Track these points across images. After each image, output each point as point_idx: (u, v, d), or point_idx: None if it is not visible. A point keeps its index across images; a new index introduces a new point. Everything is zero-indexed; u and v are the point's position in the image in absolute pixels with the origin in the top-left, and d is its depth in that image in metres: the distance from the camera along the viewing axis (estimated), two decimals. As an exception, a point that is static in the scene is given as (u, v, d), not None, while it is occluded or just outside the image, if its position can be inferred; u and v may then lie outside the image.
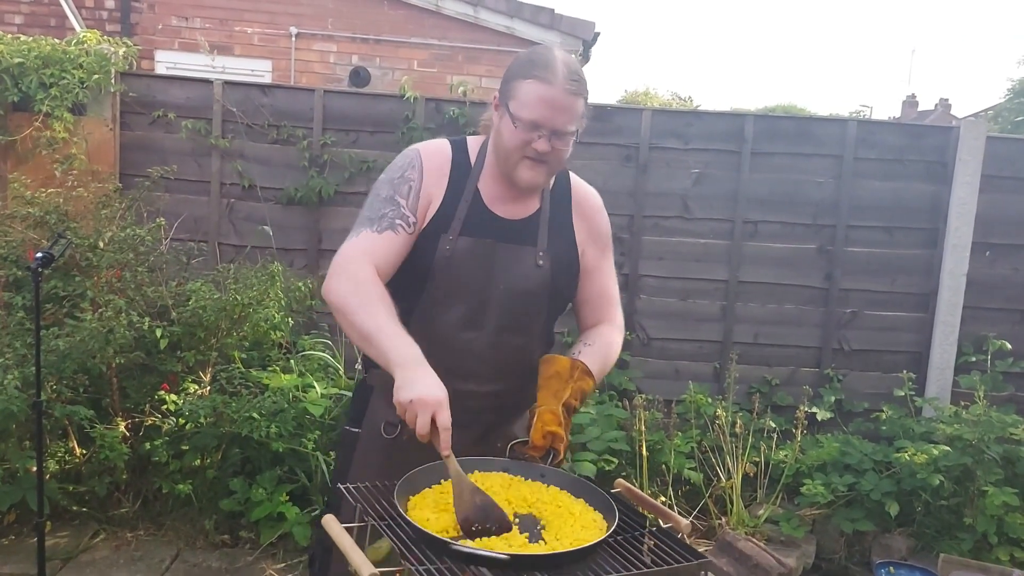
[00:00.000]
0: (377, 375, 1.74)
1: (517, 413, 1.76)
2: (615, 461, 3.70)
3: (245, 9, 7.23)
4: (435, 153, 1.71)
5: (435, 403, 1.35)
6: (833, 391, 4.35)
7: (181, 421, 3.45)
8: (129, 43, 4.29)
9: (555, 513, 1.40)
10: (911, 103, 23.83)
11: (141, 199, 3.89)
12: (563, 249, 1.72)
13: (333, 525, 1.30)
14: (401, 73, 6.73)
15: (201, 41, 6.18)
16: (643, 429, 3.77)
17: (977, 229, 4.32)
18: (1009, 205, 4.40)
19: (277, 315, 3.61)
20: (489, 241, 1.65)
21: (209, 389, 3.56)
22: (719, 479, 3.84)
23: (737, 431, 3.81)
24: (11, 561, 3.18)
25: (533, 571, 1.19)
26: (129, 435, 3.46)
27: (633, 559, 1.28)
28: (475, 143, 1.75)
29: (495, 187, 1.69)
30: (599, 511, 1.43)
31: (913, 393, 4.18)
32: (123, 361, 3.33)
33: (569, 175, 1.81)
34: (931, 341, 4.42)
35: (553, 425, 1.52)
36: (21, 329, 3.27)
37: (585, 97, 1.60)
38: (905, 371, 4.22)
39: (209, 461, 3.48)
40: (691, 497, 3.90)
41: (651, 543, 1.34)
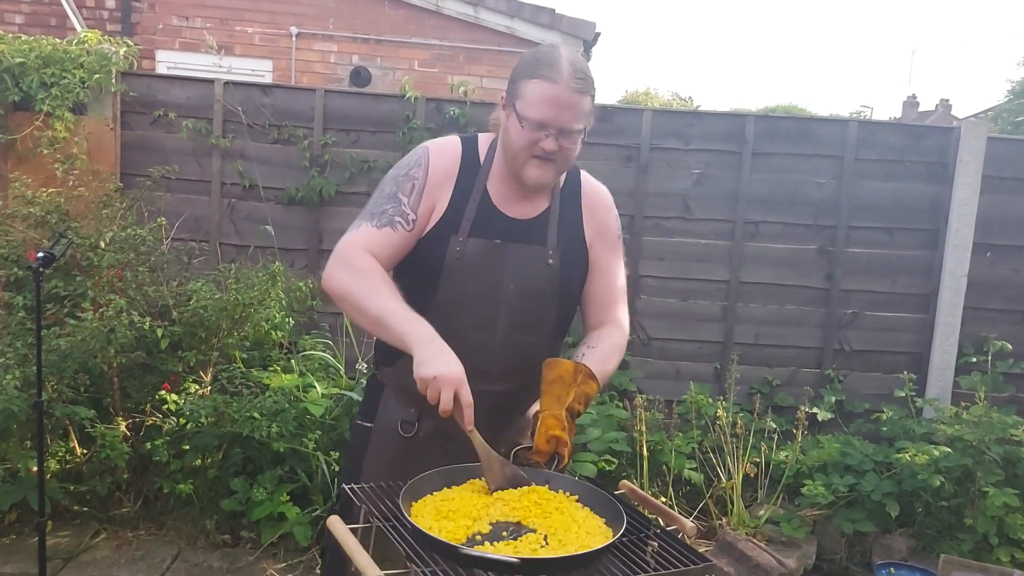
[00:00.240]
0: (388, 373, 1.75)
1: (521, 412, 1.76)
2: (616, 461, 3.71)
3: (246, 9, 7.22)
4: (445, 152, 1.70)
5: (457, 380, 1.38)
6: (834, 392, 4.35)
7: (182, 421, 3.45)
8: (130, 43, 4.29)
9: (560, 522, 1.39)
10: (912, 104, 23.80)
11: (142, 199, 3.89)
12: (573, 247, 1.73)
13: (338, 525, 1.30)
14: (402, 73, 6.73)
15: (209, 40, 6.19)
16: (644, 429, 3.77)
17: (978, 230, 4.32)
18: (1010, 206, 4.40)
19: (278, 315, 3.61)
20: (498, 242, 1.65)
21: (210, 389, 3.56)
22: (720, 479, 3.84)
23: (738, 431, 3.82)
24: (12, 560, 3.18)
25: (544, 573, 1.19)
26: (130, 435, 3.46)
27: (638, 562, 1.28)
28: (486, 141, 1.75)
29: (504, 187, 1.69)
30: (603, 517, 1.42)
31: (914, 394, 4.18)
32: (124, 361, 3.33)
33: (580, 173, 1.81)
34: (932, 342, 4.43)
35: (557, 430, 1.51)
36: (22, 329, 3.27)
37: (592, 95, 1.60)
38: (906, 372, 4.22)
39: (210, 461, 3.48)
40: (692, 497, 3.91)
41: (655, 546, 1.34)
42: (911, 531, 3.73)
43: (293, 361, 3.78)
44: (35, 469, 2.88)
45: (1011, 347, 4.36)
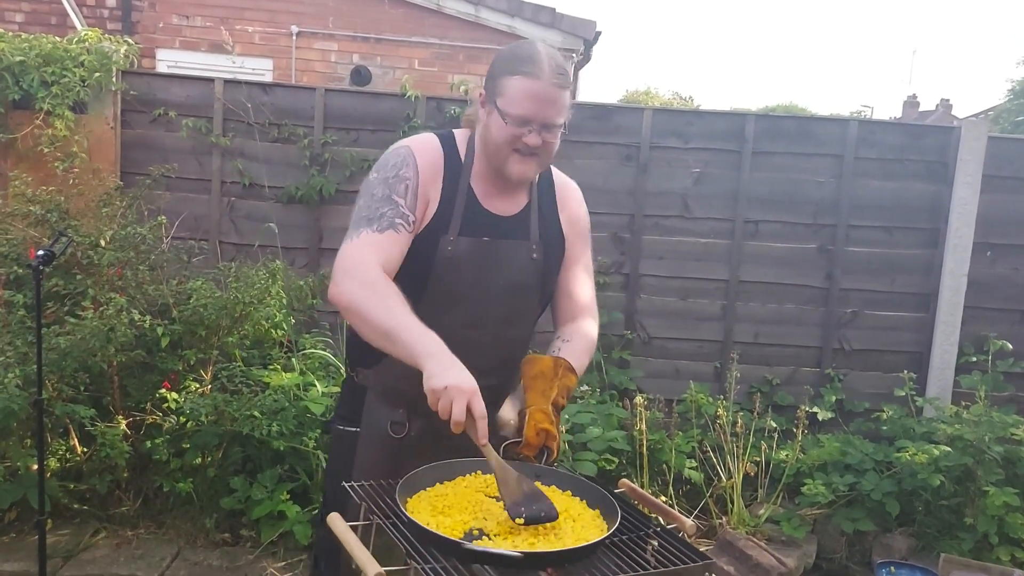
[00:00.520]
0: (368, 375, 1.74)
1: (499, 407, 1.75)
2: (616, 460, 3.71)
3: (246, 8, 7.22)
4: (428, 150, 1.69)
5: (470, 391, 1.35)
6: (834, 391, 4.36)
7: (182, 419, 3.45)
8: (130, 41, 4.29)
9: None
10: (912, 103, 23.76)
11: (142, 197, 3.89)
12: (553, 240, 1.76)
13: (338, 523, 1.30)
14: (402, 72, 6.73)
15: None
16: (644, 428, 3.77)
17: (978, 229, 4.33)
18: (1010, 205, 4.40)
19: (278, 313, 3.61)
20: (487, 239, 1.66)
21: (210, 387, 3.56)
22: (720, 478, 3.84)
23: (738, 430, 3.82)
24: (12, 559, 3.18)
25: (546, 567, 1.19)
26: (130, 433, 3.46)
27: (638, 560, 1.28)
28: (463, 137, 1.74)
29: (485, 184, 1.70)
30: (597, 509, 1.43)
31: (914, 393, 4.18)
32: (124, 359, 3.34)
33: (551, 168, 1.81)
34: (932, 341, 4.43)
35: (546, 423, 1.52)
36: (22, 327, 3.27)
37: (570, 89, 1.61)
38: (906, 371, 4.22)
39: (210, 459, 3.48)
40: (692, 496, 3.91)
41: (655, 544, 1.34)
42: (911, 530, 3.73)
43: (293, 360, 3.78)
44: (35, 467, 2.88)
45: (1011, 346, 4.37)
